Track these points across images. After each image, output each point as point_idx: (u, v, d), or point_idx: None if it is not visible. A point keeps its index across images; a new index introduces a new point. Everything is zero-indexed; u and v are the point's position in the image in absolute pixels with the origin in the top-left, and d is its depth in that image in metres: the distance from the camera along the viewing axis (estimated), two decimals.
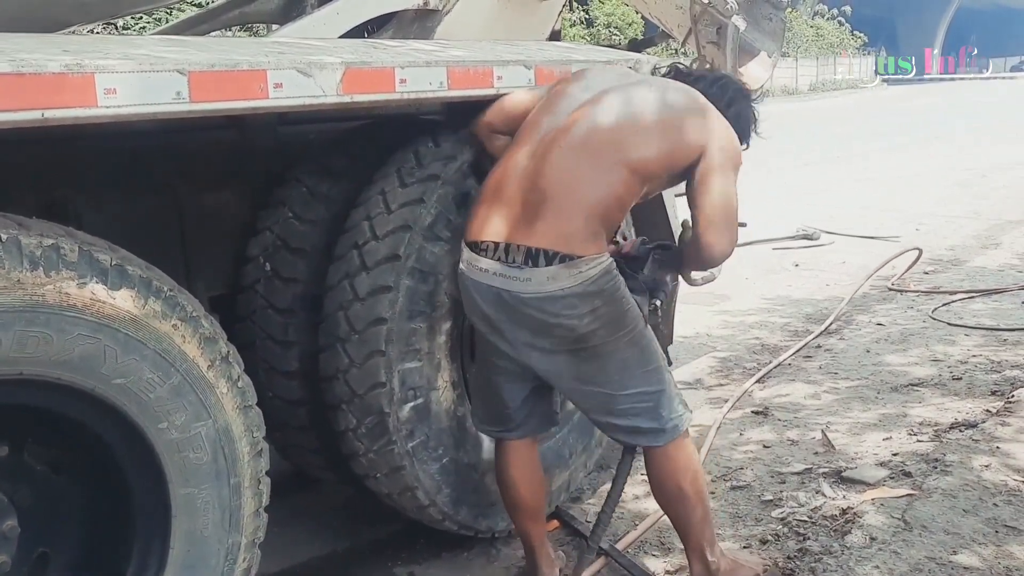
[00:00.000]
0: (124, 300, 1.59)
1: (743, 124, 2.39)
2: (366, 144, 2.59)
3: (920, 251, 6.33)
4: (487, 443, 2.55)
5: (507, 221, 2.14)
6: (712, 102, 2.28)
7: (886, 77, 44.34)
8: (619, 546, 2.64)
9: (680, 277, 2.69)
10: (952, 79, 32.43)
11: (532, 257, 2.08)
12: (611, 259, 2.15)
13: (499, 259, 2.12)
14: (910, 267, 6.19)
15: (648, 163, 2.14)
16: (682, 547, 2.67)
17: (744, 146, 2.36)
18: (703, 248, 2.20)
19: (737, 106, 2.39)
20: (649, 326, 2.28)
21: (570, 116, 2.19)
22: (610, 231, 2.19)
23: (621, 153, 2.12)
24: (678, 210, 3.12)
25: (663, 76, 2.47)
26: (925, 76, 45.06)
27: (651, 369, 2.24)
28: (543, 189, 2.11)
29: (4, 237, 1.45)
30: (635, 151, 2.13)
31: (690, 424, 2.33)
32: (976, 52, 31.66)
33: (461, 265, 2.23)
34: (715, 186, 2.15)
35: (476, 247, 2.17)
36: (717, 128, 2.21)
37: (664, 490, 2.34)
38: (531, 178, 2.13)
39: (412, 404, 2.32)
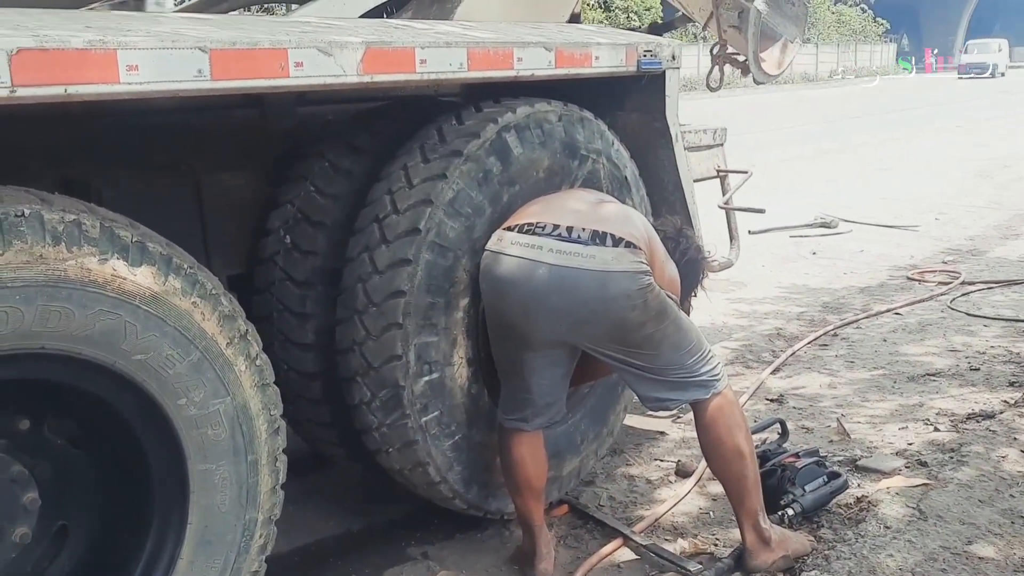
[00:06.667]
0: (145, 277, 1.60)
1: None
2: (389, 121, 2.58)
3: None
4: None
5: (570, 212, 2.26)
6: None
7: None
8: (636, 529, 2.65)
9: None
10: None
11: (600, 237, 2.19)
12: None
13: (559, 236, 2.20)
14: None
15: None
16: (693, 532, 2.68)
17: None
18: None
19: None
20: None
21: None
22: None
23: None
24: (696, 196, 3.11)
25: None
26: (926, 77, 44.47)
27: (694, 344, 2.34)
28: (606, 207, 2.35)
29: (27, 212, 1.46)
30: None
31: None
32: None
33: (494, 248, 2.28)
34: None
35: (527, 228, 2.24)
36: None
37: (724, 449, 2.38)
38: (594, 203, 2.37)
39: (427, 378, 2.31)
